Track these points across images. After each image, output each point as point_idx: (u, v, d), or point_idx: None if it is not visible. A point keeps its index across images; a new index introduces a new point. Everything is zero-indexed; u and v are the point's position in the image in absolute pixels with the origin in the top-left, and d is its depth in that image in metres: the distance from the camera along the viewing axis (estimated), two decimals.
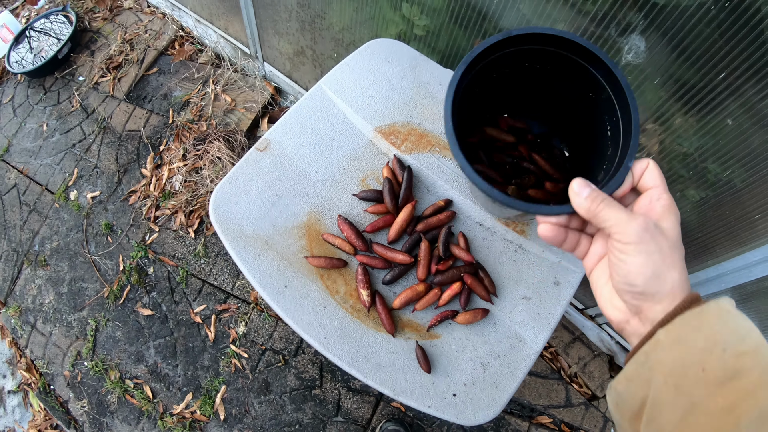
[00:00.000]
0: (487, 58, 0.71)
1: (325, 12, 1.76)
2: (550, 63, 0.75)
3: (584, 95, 0.75)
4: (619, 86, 0.64)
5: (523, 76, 0.80)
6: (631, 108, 0.62)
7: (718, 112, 1.00)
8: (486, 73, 0.74)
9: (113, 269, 2.41)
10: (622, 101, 0.65)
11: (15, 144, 2.91)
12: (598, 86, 0.70)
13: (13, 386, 2.37)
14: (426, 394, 0.86)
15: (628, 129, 0.63)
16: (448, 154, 1.01)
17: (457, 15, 1.31)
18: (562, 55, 0.72)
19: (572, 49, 0.69)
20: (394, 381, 0.86)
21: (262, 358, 2.09)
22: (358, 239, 0.92)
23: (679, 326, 0.44)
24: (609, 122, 0.70)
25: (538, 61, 0.76)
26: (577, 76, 0.72)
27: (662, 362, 0.44)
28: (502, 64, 0.76)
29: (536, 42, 0.71)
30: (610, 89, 0.67)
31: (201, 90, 2.77)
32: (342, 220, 0.94)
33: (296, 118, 1.05)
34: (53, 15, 3.22)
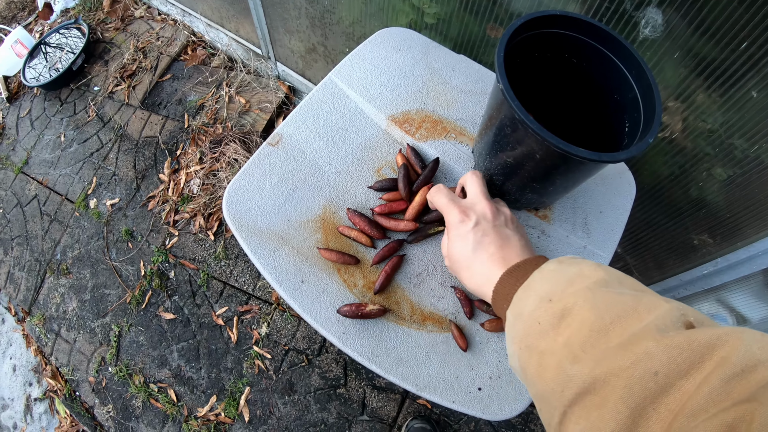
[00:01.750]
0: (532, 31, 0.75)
1: (334, 7, 1.75)
2: (586, 60, 0.78)
3: (609, 96, 0.78)
4: (648, 85, 0.69)
5: (559, 66, 0.82)
6: (656, 104, 0.67)
7: (742, 84, 0.97)
8: (529, 48, 0.77)
9: (135, 275, 2.42)
10: (649, 99, 0.69)
11: (34, 156, 2.95)
12: (626, 86, 0.74)
13: (39, 393, 2.40)
14: (450, 389, 0.83)
15: (650, 120, 0.68)
16: (465, 139, 0.99)
17: (467, 1, 1.29)
18: (598, 50, 0.76)
19: (608, 45, 0.74)
20: (416, 376, 0.83)
21: (286, 358, 2.08)
22: (372, 229, 0.90)
23: (515, 303, 0.55)
24: (629, 120, 0.74)
25: (576, 54, 0.79)
26: (609, 73, 0.76)
27: (515, 335, 0.53)
28: (545, 46, 0.78)
29: (577, 29, 0.75)
30: (638, 89, 0.72)
31: (215, 93, 2.77)
32: (352, 213, 0.92)
33: (308, 110, 1.04)
34: (66, 28, 3.26)
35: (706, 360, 0.36)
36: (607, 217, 0.96)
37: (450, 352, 0.85)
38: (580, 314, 0.46)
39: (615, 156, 0.62)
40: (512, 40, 0.71)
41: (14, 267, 2.69)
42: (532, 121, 0.62)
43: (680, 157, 1.21)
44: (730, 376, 0.34)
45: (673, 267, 1.50)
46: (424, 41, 1.14)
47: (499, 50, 0.67)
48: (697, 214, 1.30)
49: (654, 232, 1.46)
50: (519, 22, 0.71)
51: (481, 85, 1.07)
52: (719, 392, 0.34)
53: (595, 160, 0.61)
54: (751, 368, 0.34)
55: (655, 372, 0.37)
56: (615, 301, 0.45)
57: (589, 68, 0.79)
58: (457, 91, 1.06)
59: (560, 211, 0.95)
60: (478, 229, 0.67)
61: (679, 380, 0.36)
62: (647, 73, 0.70)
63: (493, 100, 0.75)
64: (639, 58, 0.71)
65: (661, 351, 0.38)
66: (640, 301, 0.44)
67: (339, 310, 0.85)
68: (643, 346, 0.39)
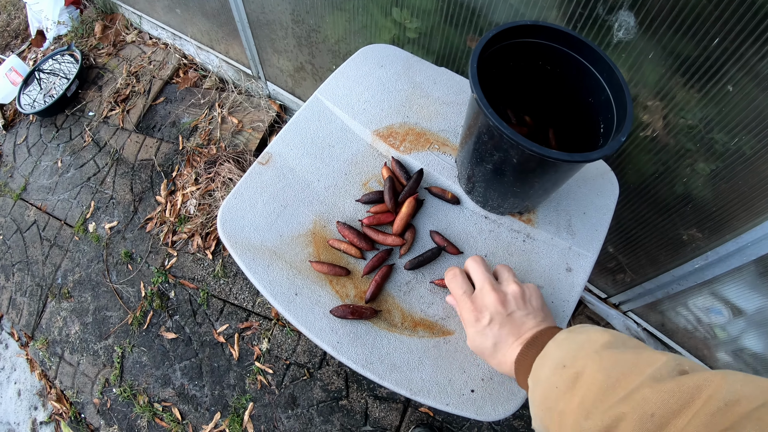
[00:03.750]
0: (505, 41, 0.78)
1: (319, 26, 1.78)
2: (559, 65, 0.82)
3: (584, 100, 0.81)
4: (619, 86, 0.72)
5: (534, 74, 0.85)
6: (627, 104, 0.70)
7: (717, 79, 1.00)
8: (503, 57, 0.80)
9: (135, 296, 2.44)
10: (620, 100, 0.72)
11: (32, 182, 2.97)
12: (598, 88, 0.77)
13: (44, 417, 2.40)
14: (443, 392, 0.85)
15: (622, 119, 0.70)
16: (448, 150, 1.02)
17: (447, 14, 1.32)
18: (570, 56, 0.79)
19: (579, 50, 0.77)
20: (410, 381, 0.85)
21: (287, 372, 2.10)
22: (361, 241, 0.92)
23: (534, 372, 0.60)
24: (603, 121, 0.77)
25: (549, 61, 0.82)
26: (582, 77, 0.79)
27: (535, 399, 0.58)
28: (519, 55, 0.82)
29: (548, 37, 0.79)
30: (610, 91, 0.75)
31: (208, 114, 2.81)
32: (342, 226, 0.94)
33: (295, 129, 1.06)
34: (59, 55, 3.29)
35: (695, 399, 0.42)
36: (591, 218, 0.98)
37: (442, 357, 0.87)
38: (590, 376, 0.51)
39: (587, 156, 0.64)
40: (485, 51, 0.73)
41: (16, 292, 2.70)
42: (505, 126, 0.64)
43: (663, 154, 1.23)
44: (715, 410, 0.40)
45: (665, 263, 1.51)
46: (405, 56, 1.17)
47: (472, 61, 0.70)
48: (684, 210, 1.31)
49: (644, 230, 1.48)
50: (491, 33, 0.74)
51: (462, 96, 1.10)
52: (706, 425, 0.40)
53: (568, 160, 0.64)
54: (734, 402, 0.40)
55: (652, 414, 0.43)
56: (619, 360, 0.51)
57: (563, 73, 0.82)
58: (439, 103, 1.08)
59: (544, 214, 0.97)
60: (494, 324, 0.72)
61: (673, 419, 0.42)
62: (617, 75, 0.72)
63: (470, 110, 0.78)
64: (609, 60, 0.73)
65: (656, 396, 0.44)
66: (640, 357, 0.50)
67: (332, 311, 0.87)
68: (641, 393, 0.45)
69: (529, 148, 0.63)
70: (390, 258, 0.93)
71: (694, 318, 1.62)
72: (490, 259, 0.94)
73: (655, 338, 1.86)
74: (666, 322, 1.75)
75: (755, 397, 0.40)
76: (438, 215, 0.97)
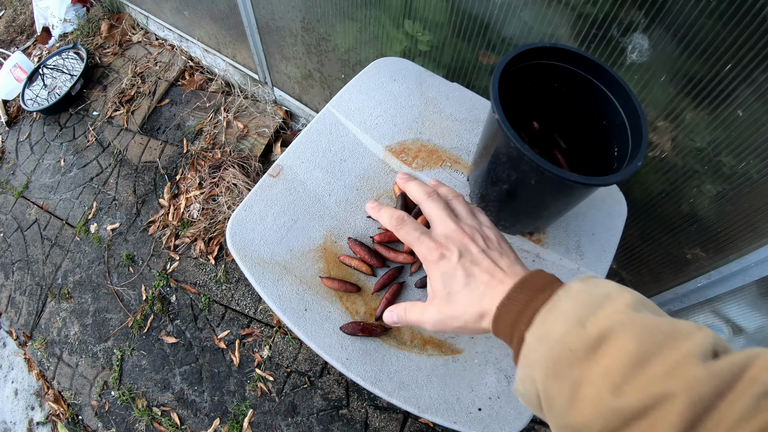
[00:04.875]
0: (523, 63, 0.78)
1: (329, 34, 1.79)
2: (575, 88, 0.82)
3: (598, 123, 0.82)
4: (635, 111, 0.72)
5: (550, 96, 0.86)
6: (642, 129, 0.70)
7: (728, 103, 1.01)
8: (521, 78, 0.81)
9: (136, 299, 2.44)
10: (636, 125, 0.73)
11: (34, 180, 2.97)
12: (613, 112, 0.77)
13: (41, 418, 2.39)
14: (451, 410, 0.85)
15: (637, 144, 0.71)
16: (460, 168, 1.02)
17: (459, 28, 1.32)
18: (586, 78, 0.80)
19: (595, 74, 0.78)
20: (418, 398, 0.85)
21: (288, 380, 2.09)
22: (372, 258, 0.92)
23: (539, 325, 0.48)
24: (617, 144, 0.78)
25: (565, 83, 0.83)
26: (597, 100, 0.79)
27: (537, 361, 0.47)
28: (536, 77, 0.82)
29: (565, 59, 0.79)
30: (625, 115, 0.75)
31: (213, 118, 2.81)
32: (353, 242, 0.94)
33: (307, 142, 1.07)
34: (64, 53, 3.29)
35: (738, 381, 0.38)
36: (599, 239, 0.98)
37: (450, 375, 0.87)
38: (618, 342, 0.43)
39: (606, 179, 0.65)
40: (505, 72, 0.74)
41: (15, 291, 2.70)
42: (527, 149, 0.65)
43: (671, 175, 1.24)
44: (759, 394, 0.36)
45: (668, 281, 1.52)
46: (418, 70, 1.17)
47: (493, 82, 0.70)
48: (689, 229, 1.32)
49: (648, 247, 1.48)
50: (511, 55, 0.74)
51: (474, 113, 1.10)
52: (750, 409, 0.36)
53: (588, 184, 0.65)
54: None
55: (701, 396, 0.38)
56: (652, 328, 0.43)
57: (578, 96, 0.83)
58: (451, 120, 1.09)
59: (553, 235, 0.97)
60: (465, 260, 0.57)
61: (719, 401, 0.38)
62: (633, 100, 0.73)
63: (489, 130, 0.78)
64: (625, 85, 0.74)
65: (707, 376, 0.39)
66: (675, 328, 0.43)
67: (342, 327, 0.87)
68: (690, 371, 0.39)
69: (550, 171, 0.64)
70: (401, 275, 0.93)
71: None
72: None
73: None
74: None
75: None
76: None
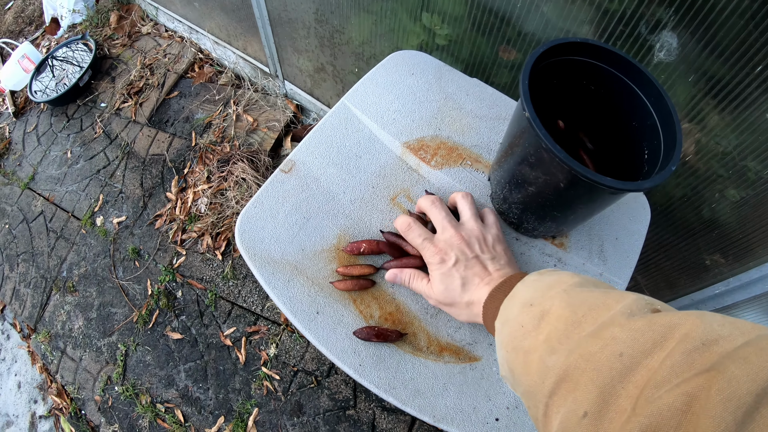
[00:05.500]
0: (551, 59, 0.75)
1: (343, 27, 1.76)
2: (604, 86, 0.79)
3: (628, 123, 0.79)
4: (668, 113, 0.69)
5: (577, 93, 0.83)
6: (677, 132, 0.67)
7: (756, 107, 0.97)
8: (548, 75, 0.78)
9: (141, 294, 2.42)
10: (669, 127, 0.69)
11: (40, 172, 2.96)
12: (644, 112, 0.74)
13: (44, 411, 2.39)
14: (467, 420, 0.82)
15: (670, 147, 0.68)
16: (480, 167, 0.99)
17: (478, 22, 1.29)
18: (616, 77, 0.76)
19: (626, 72, 0.75)
20: (433, 407, 0.82)
21: (294, 379, 2.07)
22: (385, 247, 0.89)
23: (502, 312, 0.59)
24: (648, 147, 0.74)
25: (594, 81, 0.79)
26: (627, 100, 0.76)
27: (502, 341, 0.56)
28: (564, 73, 0.79)
29: (595, 56, 0.76)
30: (657, 116, 0.72)
31: (222, 111, 2.78)
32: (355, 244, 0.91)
33: (321, 136, 1.03)
34: (73, 43, 3.27)
35: (668, 338, 0.39)
36: (623, 244, 0.95)
37: (467, 383, 0.85)
38: (556, 312, 0.50)
39: (640, 185, 0.62)
40: (535, 67, 0.71)
41: (20, 283, 2.69)
42: (559, 150, 0.61)
43: (693, 179, 1.21)
44: (691, 349, 0.37)
45: (685, 287, 1.49)
46: (437, 65, 1.14)
47: (523, 78, 0.67)
48: (710, 235, 1.29)
49: (666, 253, 1.46)
50: (540, 50, 0.71)
51: (495, 110, 1.06)
52: (681, 365, 0.36)
53: (622, 189, 0.61)
54: (711, 342, 0.37)
55: (620, 353, 0.40)
56: (587, 297, 0.50)
57: (607, 95, 0.79)
58: (471, 117, 1.05)
59: (576, 239, 0.94)
60: (460, 265, 0.72)
61: (644, 359, 0.39)
62: (666, 100, 0.69)
63: (515, 128, 0.75)
64: (658, 85, 0.70)
65: (626, 334, 0.41)
66: (609, 295, 0.49)
67: (355, 332, 0.84)
68: (610, 331, 0.43)
69: (584, 175, 0.60)
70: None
71: None
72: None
73: None
74: None
75: (734, 336, 0.37)
76: None
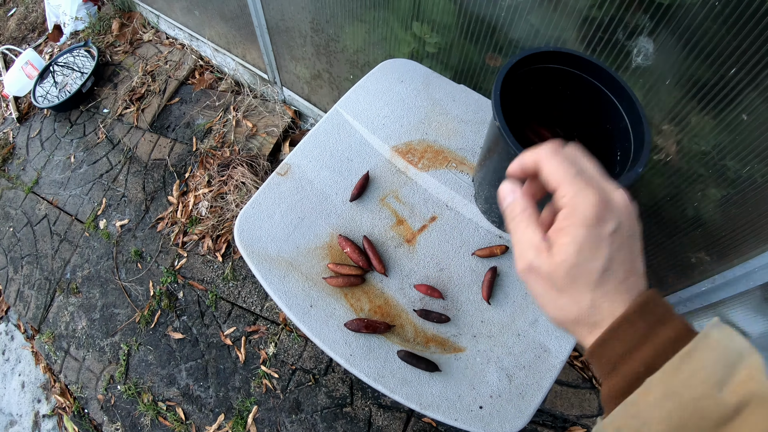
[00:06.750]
0: (527, 67, 0.80)
1: (338, 35, 1.80)
2: (579, 91, 0.84)
3: (602, 126, 0.83)
4: (638, 117, 0.74)
5: (555, 98, 0.88)
6: (645, 135, 0.72)
7: (732, 107, 1.01)
8: (525, 81, 0.82)
9: (144, 295, 2.46)
10: (639, 130, 0.74)
11: (44, 176, 3.00)
12: (617, 116, 0.78)
13: (47, 410, 2.42)
14: (452, 408, 0.86)
15: (639, 149, 0.72)
16: (465, 168, 1.03)
17: (467, 31, 1.33)
18: (590, 83, 0.81)
19: (600, 77, 0.79)
20: (420, 395, 0.86)
21: (293, 377, 2.11)
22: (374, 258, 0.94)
23: (671, 375, 0.39)
24: (620, 149, 0.79)
25: (570, 87, 0.84)
26: (601, 104, 0.81)
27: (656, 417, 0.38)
28: (540, 80, 0.84)
29: (570, 63, 0.81)
30: (628, 119, 0.77)
31: (222, 117, 2.83)
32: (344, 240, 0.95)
33: (315, 141, 1.08)
34: (75, 50, 3.32)
35: None
36: None
37: (452, 373, 0.89)
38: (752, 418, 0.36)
39: None
40: (510, 75, 0.75)
41: (24, 285, 2.73)
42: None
43: (676, 178, 1.24)
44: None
45: (673, 284, 1.52)
46: (425, 72, 1.18)
47: (495, 90, 0.72)
48: (694, 233, 1.32)
49: (653, 251, 1.48)
50: (514, 59, 0.76)
51: (480, 114, 1.11)
52: None
53: None
54: None
55: None
56: None
57: (582, 99, 0.84)
58: (457, 121, 1.10)
59: None
60: (617, 237, 0.43)
61: None
62: (636, 105, 0.74)
63: (491, 134, 0.79)
64: (629, 90, 0.75)
65: None
66: None
67: (346, 324, 0.88)
68: None
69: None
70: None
71: None
72: (502, 278, 0.95)
73: None
74: None
75: None
76: (453, 233, 0.98)
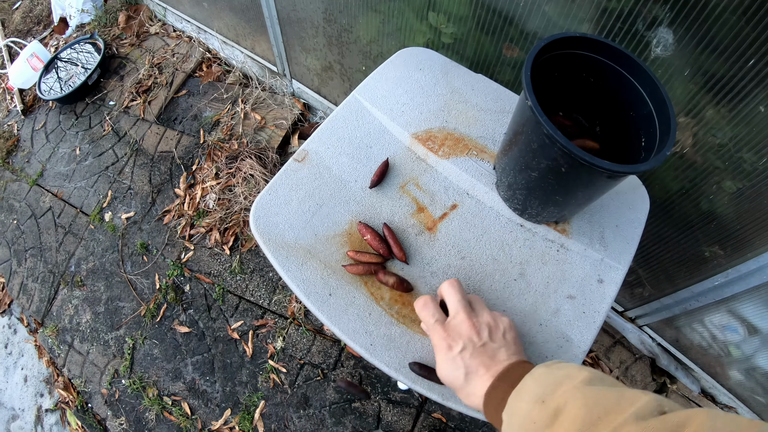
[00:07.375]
0: (551, 52, 0.79)
1: (351, 26, 1.79)
2: (602, 78, 0.83)
3: (625, 113, 0.83)
4: (663, 101, 0.73)
5: (579, 85, 0.86)
6: (671, 119, 0.71)
7: (749, 100, 1.01)
8: (549, 68, 0.81)
9: (149, 288, 2.45)
10: (663, 115, 0.73)
11: (49, 168, 2.99)
12: (641, 102, 0.78)
13: (50, 405, 2.41)
14: None
15: (666, 133, 0.71)
16: (486, 156, 1.02)
17: (482, 21, 1.32)
18: (613, 69, 0.80)
19: (623, 64, 0.79)
20: (441, 387, 0.85)
21: (301, 372, 2.10)
22: (395, 246, 0.92)
23: (510, 405, 0.59)
24: (645, 135, 0.78)
25: (593, 73, 0.83)
26: (624, 91, 0.80)
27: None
28: (563, 67, 0.83)
29: (593, 49, 0.80)
30: (652, 105, 0.76)
31: (230, 110, 2.82)
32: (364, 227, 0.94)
33: (332, 128, 1.07)
34: (81, 43, 3.32)
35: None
36: (623, 231, 0.98)
37: None
38: (571, 412, 0.51)
39: (636, 167, 0.66)
40: (535, 61, 0.74)
41: (27, 278, 2.72)
42: (560, 135, 0.65)
43: (690, 172, 1.24)
44: None
45: (685, 279, 1.51)
46: (443, 61, 1.17)
47: (525, 69, 0.71)
48: (708, 227, 1.32)
49: (665, 245, 1.48)
50: (541, 43, 0.75)
51: (500, 103, 1.10)
52: None
53: (619, 171, 0.65)
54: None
55: None
56: (601, 398, 0.51)
57: (605, 86, 0.83)
58: (477, 110, 1.09)
59: (578, 225, 0.97)
60: (466, 353, 0.70)
61: None
62: (661, 90, 0.73)
63: (519, 117, 0.78)
64: (653, 75, 0.74)
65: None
66: (622, 396, 0.50)
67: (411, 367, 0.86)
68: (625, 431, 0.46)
69: (583, 158, 0.64)
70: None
71: (709, 335, 1.62)
72: (524, 267, 0.94)
73: (669, 354, 1.86)
74: (681, 338, 1.75)
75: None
76: (475, 221, 0.97)
